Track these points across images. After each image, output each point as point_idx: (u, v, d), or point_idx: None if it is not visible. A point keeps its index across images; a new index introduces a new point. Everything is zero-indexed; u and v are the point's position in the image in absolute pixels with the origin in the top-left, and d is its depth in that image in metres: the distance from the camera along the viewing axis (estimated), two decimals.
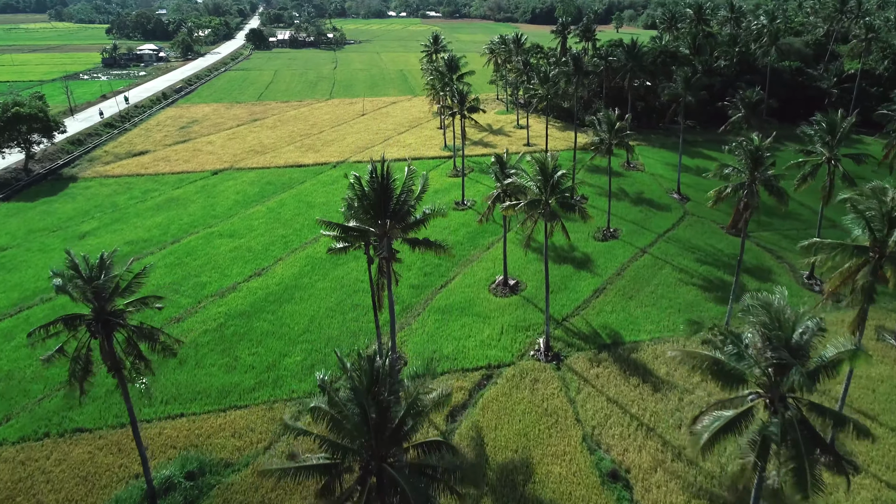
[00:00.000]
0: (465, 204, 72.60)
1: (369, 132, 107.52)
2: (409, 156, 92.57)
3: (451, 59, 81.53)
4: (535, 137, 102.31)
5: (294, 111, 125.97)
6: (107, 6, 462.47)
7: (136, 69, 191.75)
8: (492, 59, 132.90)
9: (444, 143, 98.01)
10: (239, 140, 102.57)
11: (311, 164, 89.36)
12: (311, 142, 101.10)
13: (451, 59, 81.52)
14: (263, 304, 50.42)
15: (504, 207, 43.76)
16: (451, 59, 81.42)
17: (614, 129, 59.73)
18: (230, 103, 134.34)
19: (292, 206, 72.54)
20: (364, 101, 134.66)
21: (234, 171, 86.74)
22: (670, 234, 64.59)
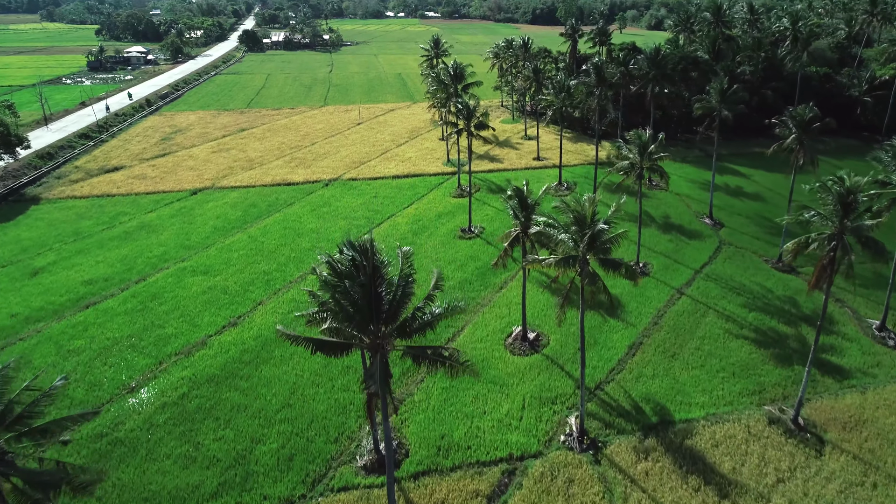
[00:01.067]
0: (472, 231, 64.48)
1: (365, 144, 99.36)
2: (409, 171, 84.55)
3: (455, 67, 73.44)
4: (546, 150, 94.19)
5: (285, 120, 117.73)
6: (99, 6, 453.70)
7: (123, 73, 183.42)
8: (496, 64, 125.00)
9: (447, 156, 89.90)
10: (224, 153, 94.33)
11: (300, 181, 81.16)
12: (302, 155, 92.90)
13: (457, 67, 73.42)
14: (236, 365, 42.24)
15: (527, 262, 35.60)
16: (456, 68, 73.31)
17: (647, 152, 51.59)
18: (218, 111, 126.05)
19: (277, 234, 64.34)
20: (360, 109, 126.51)
21: (215, 190, 78.51)
22: (708, 268, 56.51)
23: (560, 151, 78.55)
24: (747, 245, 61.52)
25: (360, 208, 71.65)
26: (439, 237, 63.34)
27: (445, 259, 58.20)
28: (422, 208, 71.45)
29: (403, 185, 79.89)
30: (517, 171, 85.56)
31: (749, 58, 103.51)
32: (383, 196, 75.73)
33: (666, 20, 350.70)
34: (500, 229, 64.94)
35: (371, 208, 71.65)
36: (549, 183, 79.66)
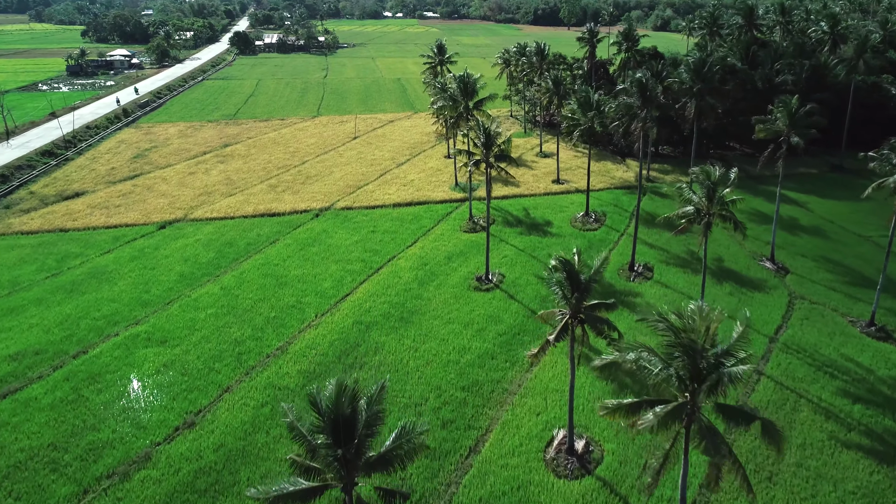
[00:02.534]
0: (489, 280, 53.70)
1: (362, 162, 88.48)
2: (412, 198, 73.74)
3: (466, 79, 62.54)
4: (566, 171, 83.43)
5: (274, 133, 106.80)
6: (91, 6, 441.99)
7: (105, 78, 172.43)
8: (505, 71, 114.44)
9: (455, 180, 79.04)
10: (202, 175, 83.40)
11: (286, 211, 70.32)
12: (291, 177, 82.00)
13: (467, 79, 62.49)
14: (187, 496, 31.41)
15: (604, 411, 24.22)
16: (466, 80, 62.41)
17: (717, 196, 40.80)
18: (200, 122, 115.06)
19: (255, 283, 53.49)
20: (356, 120, 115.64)
21: (187, 222, 67.65)
22: (784, 335, 45.80)
23: (588, 178, 67.71)
24: (823, 299, 50.84)
25: (356, 247, 60.83)
26: (450, 288, 52.55)
27: (459, 320, 47.43)
28: (428, 247, 60.67)
29: (406, 215, 69.10)
30: (535, 197, 74.87)
31: (790, 66, 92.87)
32: (383, 230, 64.94)
33: (673, 21, 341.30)
34: (522, 276, 54.26)
35: (368, 247, 60.82)
36: (575, 212, 69.23)
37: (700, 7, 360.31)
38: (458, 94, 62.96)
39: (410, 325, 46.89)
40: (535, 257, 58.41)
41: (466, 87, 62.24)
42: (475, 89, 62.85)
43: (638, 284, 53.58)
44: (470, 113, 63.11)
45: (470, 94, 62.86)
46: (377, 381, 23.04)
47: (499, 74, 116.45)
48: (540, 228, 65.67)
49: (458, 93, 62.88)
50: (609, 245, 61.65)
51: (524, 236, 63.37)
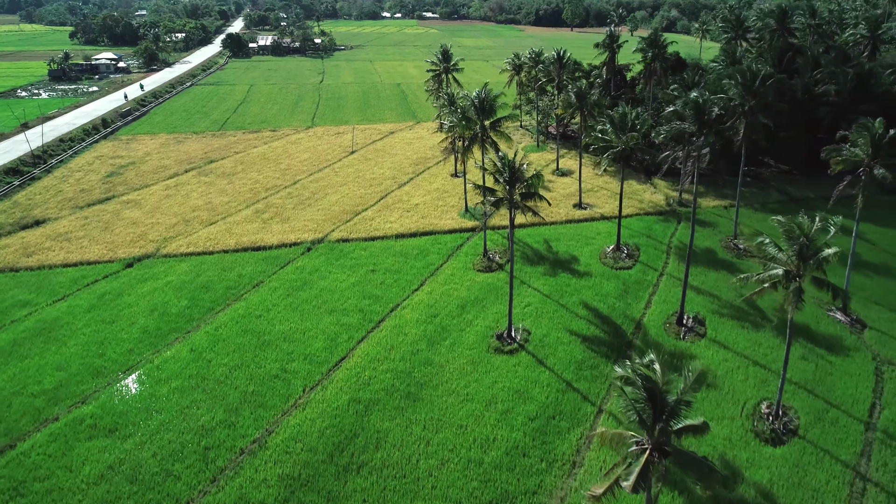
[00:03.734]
0: (512, 338, 44.98)
1: (360, 182, 79.68)
2: (417, 227, 64.99)
3: (483, 97, 53.55)
4: (588, 192, 74.67)
5: (264, 146, 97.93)
6: (83, 7, 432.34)
7: (89, 83, 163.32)
8: (514, 78, 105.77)
9: (465, 205, 70.23)
10: (181, 198, 74.53)
11: (274, 244, 61.49)
12: (280, 201, 73.16)
13: (485, 97, 53.50)
14: None
15: None
16: (483, 97, 53.48)
17: (813, 255, 32.00)
18: (185, 134, 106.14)
19: (233, 343, 44.71)
20: (354, 131, 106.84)
21: (159, 259, 58.82)
22: (881, 418, 37.12)
23: (620, 207, 58.96)
24: None
25: (353, 292, 52.04)
26: (466, 350, 43.81)
27: (480, 397, 38.69)
28: (437, 292, 51.91)
29: (410, 249, 60.33)
30: (556, 226, 66.13)
31: (832, 74, 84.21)
32: (384, 269, 56.16)
33: (679, 21, 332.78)
34: (550, 331, 45.56)
35: (367, 292, 52.04)
36: (603, 245, 60.52)
37: (707, 8, 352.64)
38: (473, 112, 54.11)
39: (419, 404, 38.15)
40: (563, 306, 49.68)
41: (483, 104, 53.41)
42: (494, 108, 54.00)
43: (690, 343, 44.89)
44: (486, 134, 54.31)
45: (487, 113, 54.05)
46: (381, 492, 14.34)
47: (508, 82, 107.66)
48: (565, 265, 56.95)
49: (472, 110, 54.02)
50: (647, 288, 52.97)
51: (548, 277, 54.62)
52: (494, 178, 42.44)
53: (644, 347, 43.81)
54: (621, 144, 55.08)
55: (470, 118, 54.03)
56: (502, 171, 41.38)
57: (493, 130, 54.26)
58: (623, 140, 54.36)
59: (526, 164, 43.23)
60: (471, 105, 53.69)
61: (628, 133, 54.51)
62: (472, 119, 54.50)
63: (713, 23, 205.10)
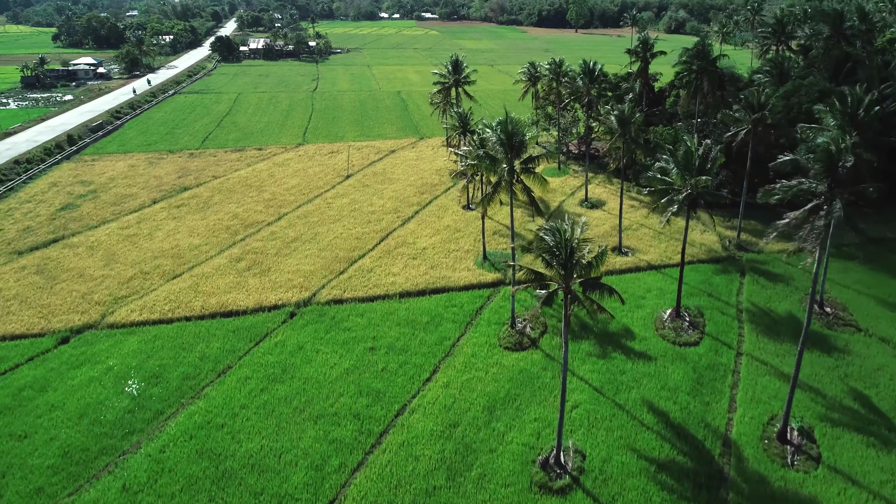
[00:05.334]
0: (563, 468, 32.99)
1: (357, 217, 67.82)
2: (426, 281, 53.12)
3: (511, 128, 41.47)
4: (626, 232, 62.71)
5: (247, 169, 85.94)
6: (72, 7, 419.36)
7: (64, 91, 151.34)
8: (528, 89, 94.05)
9: (483, 251, 58.26)
10: (143, 240, 62.53)
11: (249, 308, 49.56)
12: (261, 244, 61.21)
13: (512, 129, 41.40)
14: None
15: None
16: (512, 131, 41.40)
17: None
18: (159, 153, 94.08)
19: (182, 474, 32.78)
20: (350, 149, 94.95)
21: (103, 330, 46.86)
22: None
23: (682, 264, 47.12)
24: None
25: (347, 384, 40.18)
26: (500, 489, 31.96)
27: None
28: (456, 383, 40.10)
29: (419, 314, 48.46)
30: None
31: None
32: (387, 345, 44.32)
33: (689, 23, 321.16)
34: (612, 455, 33.86)
35: (366, 384, 40.18)
36: (657, 307, 48.75)
37: (715, 9, 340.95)
38: (499, 148, 42.17)
39: None
40: (622, 407, 37.89)
41: (511, 139, 41.44)
42: (524, 143, 42.04)
43: (803, 475, 33.06)
44: (516, 177, 42.38)
45: (516, 148, 42.11)
46: None
47: (522, 94, 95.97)
48: (615, 340, 45.18)
49: (497, 147, 42.08)
50: (725, 376, 41.20)
51: (596, 359, 42.82)
52: (543, 259, 30.49)
53: (741, 482, 32.06)
54: (688, 188, 43.32)
55: (495, 157, 42.05)
56: (555, 250, 29.48)
57: (524, 172, 42.30)
58: (692, 184, 42.61)
59: (583, 227, 31.32)
60: (496, 141, 41.63)
61: (697, 177, 42.73)
62: (498, 157, 42.54)
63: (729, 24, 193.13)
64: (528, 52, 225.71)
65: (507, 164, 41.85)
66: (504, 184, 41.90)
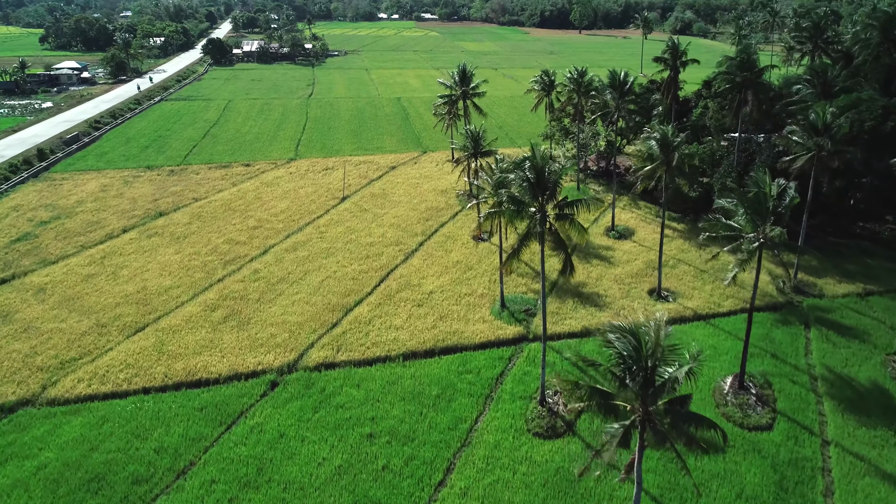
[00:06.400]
0: None
1: (353, 251, 59.36)
2: (435, 338, 44.75)
3: (542, 168, 32.81)
4: (668, 271, 54.17)
5: (232, 189, 77.47)
6: (65, 8, 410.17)
7: (44, 98, 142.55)
8: (542, 99, 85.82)
9: (501, 297, 49.74)
10: (105, 280, 54.00)
11: (223, 374, 41.09)
12: (241, 286, 52.69)
13: (544, 167, 32.73)
14: None
15: None
16: (542, 169, 32.76)
17: None
18: (136, 171, 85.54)
19: None
20: (346, 165, 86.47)
21: (41, 409, 38.34)
22: None
23: (747, 334, 38.73)
24: None
25: (337, 489, 31.73)
26: None
27: None
28: (477, 492, 31.69)
29: (427, 384, 40.04)
30: None
31: None
32: (388, 431, 35.88)
33: (696, 24, 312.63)
34: None
35: (362, 492, 31.71)
36: (713, 372, 40.30)
37: (721, 9, 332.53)
38: (525, 188, 33.68)
39: None
40: None
41: (543, 180, 32.97)
42: (559, 183, 33.55)
43: None
44: (549, 226, 33.91)
45: (550, 190, 33.63)
46: None
47: (535, 105, 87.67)
48: None
49: (524, 187, 33.59)
50: (814, 478, 32.80)
51: (648, 451, 34.27)
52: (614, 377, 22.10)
53: None
54: (760, 237, 34.95)
55: (521, 201, 33.57)
56: (626, 364, 21.07)
57: (561, 220, 33.82)
58: (765, 233, 34.23)
59: (666, 331, 22.92)
60: (524, 182, 33.10)
61: (771, 225, 34.39)
62: (524, 200, 34.03)
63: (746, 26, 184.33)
64: (533, 55, 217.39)
65: (538, 211, 33.33)
66: (534, 235, 33.38)
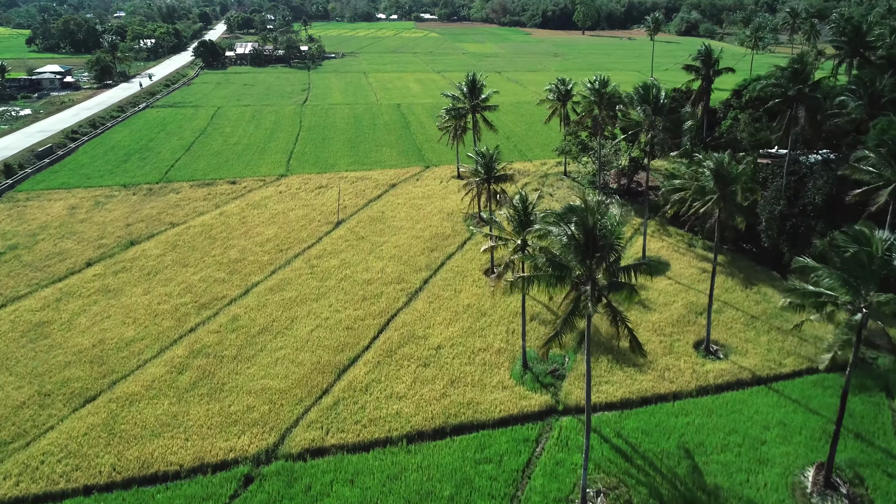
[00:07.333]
0: None
1: (348, 293, 51.59)
2: (445, 413, 37.01)
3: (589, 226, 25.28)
4: (718, 319, 46.38)
5: (214, 212, 69.69)
6: (57, 8, 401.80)
7: (23, 104, 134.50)
8: (556, 110, 78.36)
9: (523, 354, 41.95)
10: (57, 329, 46.18)
11: (185, 465, 33.27)
12: (216, 339, 44.90)
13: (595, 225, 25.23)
14: None
15: None
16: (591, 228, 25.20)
17: None
18: (111, 189, 77.71)
19: None
20: (341, 182, 78.79)
21: None
22: None
23: (838, 426, 31.04)
24: None
25: None
26: None
27: None
28: None
29: (437, 479, 32.33)
30: (681, 402, 38.24)
31: None
32: None
33: (702, 24, 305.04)
34: None
35: None
36: (791, 466, 32.54)
37: (727, 9, 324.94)
38: (570, 248, 25.94)
39: None
40: None
41: (592, 238, 25.26)
42: (612, 245, 25.82)
43: None
44: (600, 298, 26.18)
45: (600, 253, 25.89)
46: None
47: (548, 117, 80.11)
48: None
49: (567, 250, 25.85)
50: None
51: None
52: None
53: None
54: (862, 306, 27.28)
55: (566, 266, 25.81)
56: None
57: (614, 290, 26.06)
58: (868, 302, 26.57)
59: None
60: (570, 242, 25.35)
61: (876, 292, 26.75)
62: (568, 265, 26.28)
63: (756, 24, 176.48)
64: (537, 57, 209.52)
65: (586, 279, 25.57)
66: (582, 308, 25.60)
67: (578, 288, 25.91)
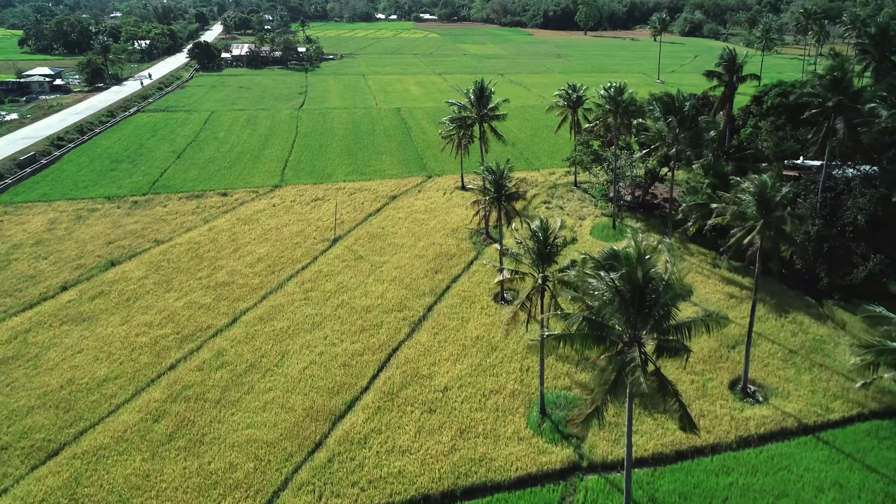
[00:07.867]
0: None
1: (344, 322, 47.11)
2: (455, 474, 32.43)
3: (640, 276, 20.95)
4: (758, 351, 41.91)
5: (202, 228, 65.19)
6: (53, 8, 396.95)
7: (10, 108, 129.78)
8: (567, 117, 74.00)
9: (541, 400, 37.44)
10: (23, 367, 41.71)
11: None
12: (197, 380, 40.41)
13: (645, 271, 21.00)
14: None
15: None
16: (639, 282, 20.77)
17: None
18: (94, 202, 73.19)
19: None
20: (338, 194, 74.37)
21: None
22: None
23: None
24: None
25: None
26: None
27: None
28: None
29: None
30: (720, 456, 33.83)
31: None
32: None
33: (706, 25, 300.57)
34: None
35: None
36: None
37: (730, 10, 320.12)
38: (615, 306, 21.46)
39: None
40: None
41: (641, 294, 20.80)
42: (662, 302, 21.37)
43: None
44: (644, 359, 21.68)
45: (647, 312, 21.41)
46: None
47: (559, 125, 75.73)
48: None
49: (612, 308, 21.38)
50: None
51: None
52: None
53: None
54: None
55: (608, 325, 21.34)
56: None
57: (663, 354, 21.56)
58: None
59: None
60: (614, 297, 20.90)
61: None
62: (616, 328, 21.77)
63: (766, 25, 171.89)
64: (539, 58, 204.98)
65: (633, 342, 21.07)
66: (630, 383, 21.11)
67: (620, 350, 21.42)
